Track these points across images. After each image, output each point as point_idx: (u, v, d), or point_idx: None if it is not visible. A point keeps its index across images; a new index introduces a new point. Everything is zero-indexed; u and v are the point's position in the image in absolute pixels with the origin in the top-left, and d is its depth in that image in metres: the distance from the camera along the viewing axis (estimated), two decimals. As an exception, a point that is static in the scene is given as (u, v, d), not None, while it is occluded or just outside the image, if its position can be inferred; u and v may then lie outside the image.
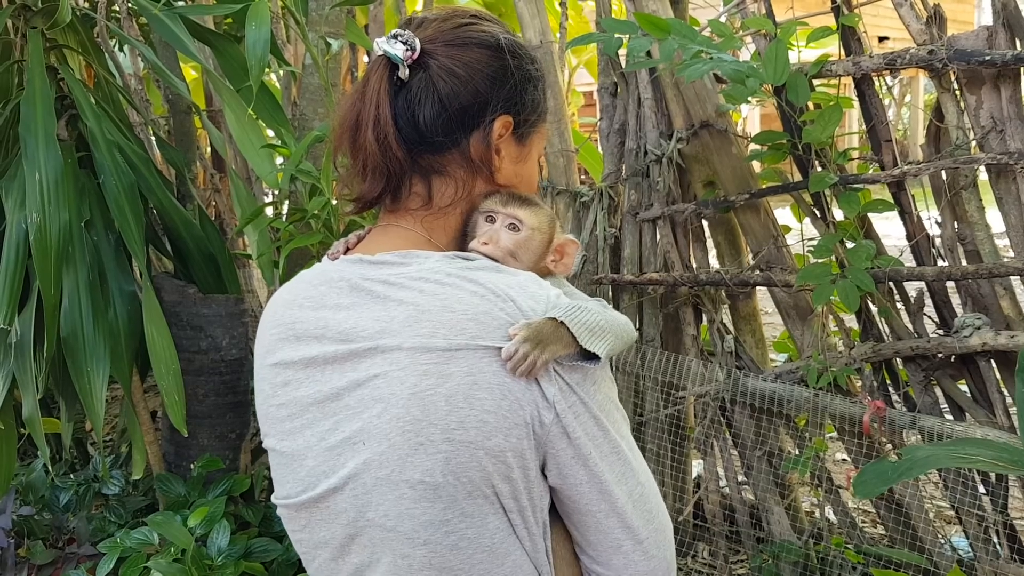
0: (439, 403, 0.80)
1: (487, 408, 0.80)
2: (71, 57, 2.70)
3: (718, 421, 2.48)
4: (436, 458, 0.80)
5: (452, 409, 0.80)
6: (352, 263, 0.91)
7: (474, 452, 0.80)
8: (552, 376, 0.82)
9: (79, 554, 2.74)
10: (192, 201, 2.85)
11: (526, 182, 0.98)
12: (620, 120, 2.60)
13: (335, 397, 0.85)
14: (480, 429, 0.80)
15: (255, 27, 2.02)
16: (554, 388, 0.82)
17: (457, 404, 0.80)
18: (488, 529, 0.83)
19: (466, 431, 0.80)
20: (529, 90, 0.94)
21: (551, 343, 0.81)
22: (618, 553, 0.86)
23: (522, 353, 0.79)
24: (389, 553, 0.84)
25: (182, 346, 2.61)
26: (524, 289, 0.85)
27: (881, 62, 2.10)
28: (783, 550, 2.34)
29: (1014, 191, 2.01)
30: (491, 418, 0.80)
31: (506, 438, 0.81)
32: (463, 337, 0.81)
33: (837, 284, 2.05)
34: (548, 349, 0.80)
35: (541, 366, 0.80)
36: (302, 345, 0.89)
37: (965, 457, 1.68)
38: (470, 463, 0.80)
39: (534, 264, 0.94)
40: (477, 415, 0.80)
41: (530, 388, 0.81)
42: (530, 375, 0.81)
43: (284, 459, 0.91)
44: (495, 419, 0.80)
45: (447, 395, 0.80)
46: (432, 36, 0.90)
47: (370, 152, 0.89)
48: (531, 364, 0.79)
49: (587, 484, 0.84)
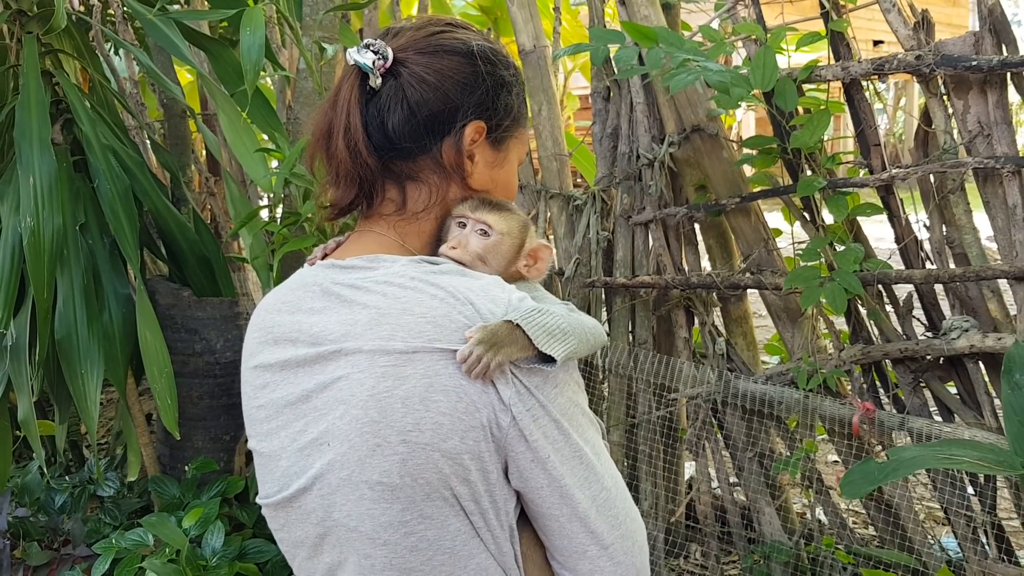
0: (396, 405, 0.81)
1: (443, 410, 0.81)
2: (66, 62, 2.72)
3: (710, 423, 2.50)
4: (393, 459, 0.81)
5: (408, 411, 0.80)
6: (325, 268, 0.92)
7: (430, 454, 0.81)
8: (509, 379, 0.82)
9: (74, 555, 2.76)
10: (187, 205, 2.86)
11: (503, 187, 0.98)
12: (613, 124, 2.62)
13: (305, 399, 0.87)
14: (436, 431, 0.80)
15: (250, 32, 2.03)
16: (511, 391, 0.82)
17: (413, 406, 0.80)
18: (449, 531, 0.83)
19: (422, 433, 0.80)
20: (503, 95, 0.94)
21: (506, 345, 0.81)
22: (584, 558, 0.86)
23: (476, 355, 0.80)
24: (354, 553, 0.86)
25: (176, 349, 2.63)
26: (485, 292, 0.85)
27: (869, 67, 2.12)
28: (774, 551, 2.35)
29: (1001, 195, 2.03)
30: (447, 420, 0.81)
31: (462, 440, 0.81)
32: (420, 340, 0.81)
33: (825, 287, 2.07)
34: (502, 351, 0.80)
35: (495, 368, 0.80)
36: (278, 348, 0.90)
37: (951, 458, 1.70)
38: (426, 465, 0.81)
39: (504, 269, 0.95)
40: (433, 417, 0.80)
41: (486, 391, 0.82)
42: (484, 377, 0.81)
43: (264, 460, 0.93)
44: (451, 421, 0.81)
45: (404, 397, 0.81)
46: (405, 44, 0.91)
47: (341, 160, 0.91)
48: (484, 366, 0.80)
49: (547, 488, 0.84)
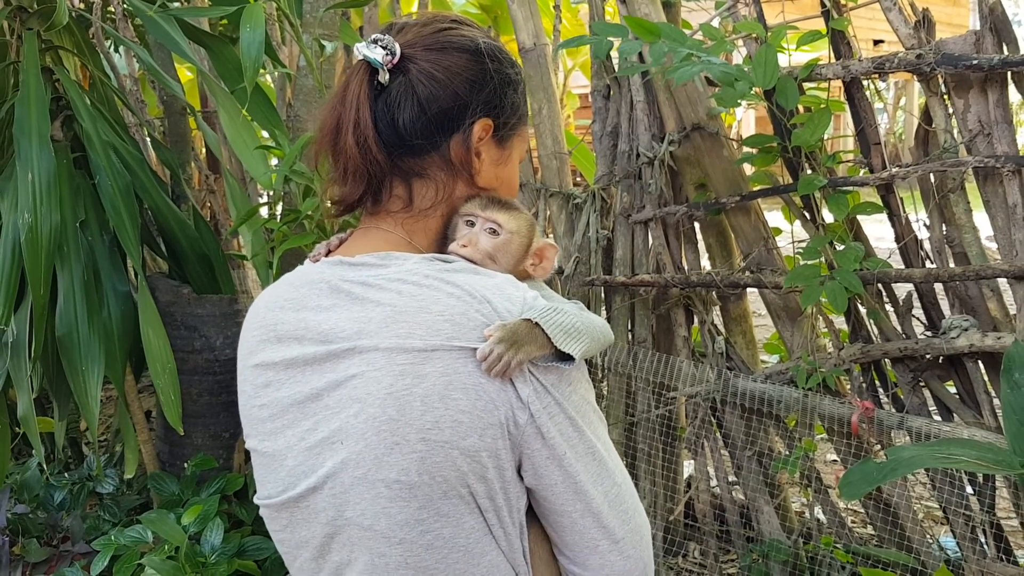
0: (414, 403, 0.81)
1: (462, 408, 0.81)
2: (67, 58, 2.72)
3: (709, 421, 2.50)
4: (411, 458, 0.81)
5: (427, 409, 0.81)
6: (332, 265, 0.92)
7: (449, 452, 0.81)
8: (527, 377, 0.83)
9: (73, 552, 2.76)
10: (187, 202, 2.86)
11: (506, 184, 0.99)
12: (613, 123, 2.62)
13: (315, 397, 0.86)
14: (455, 429, 0.81)
15: (250, 29, 2.03)
16: (528, 389, 0.83)
17: (432, 404, 0.81)
18: (464, 529, 0.83)
19: (441, 431, 0.80)
20: (509, 93, 0.95)
21: (526, 344, 0.81)
22: (595, 553, 0.87)
23: (496, 354, 0.80)
24: (366, 552, 0.85)
25: (176, 346, 2.62)
26: (500, 291, 0.86)
27: (870, 66, 2.12)
28: (773, 549, 2.35)
29: (1001, 194, 2.03)
30: (466, 418, 0.81)
31: (481, 438, 0.81)
32: (439, 338, 0.82)
33: (825, 285, 2.07)
34: (523, 350, 0.81)
35: (515, 367, 0.81)
36: (283, 346, 0.90)
37: (949, 457, 1.70)
38: (445, 463, 0.81)
39: (513, 267, 0.95)
40: (452, 415, 0.81)
41: (505, 389, 0.82)
42: (504, 376, 0.81)
43: (266, 459, 0.92)
44: (470, 419, 0.81)
45: (422, 395, 0.81)
46: (412, 40, 0.91)
47: (350, 155, 0.90)
48: (505, 365, 0.80)
49: (562, 484, 0.84)
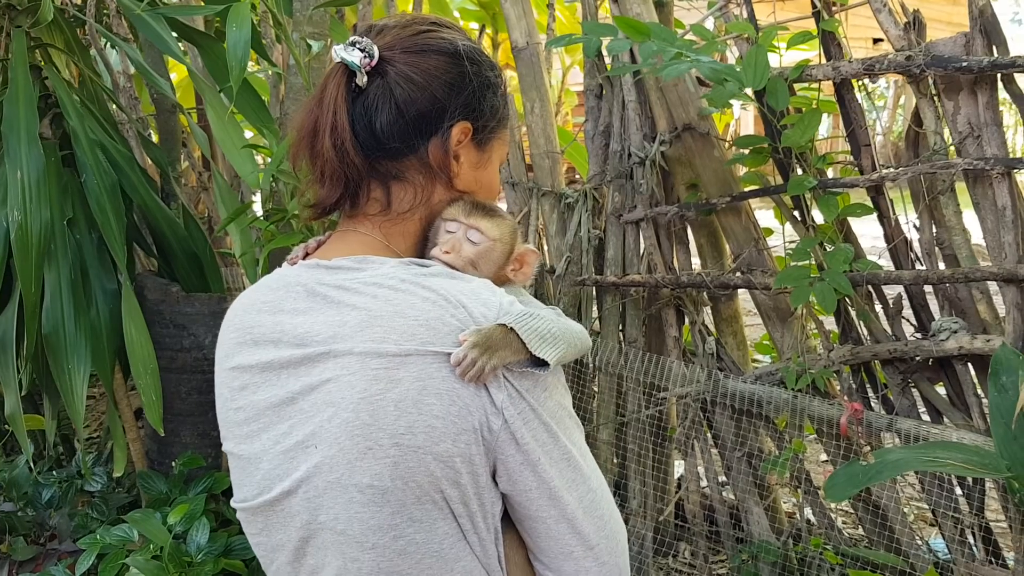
0: (388, 408, 0.80)
1: (436, 413, 0.80)
2: (56, 56, 2.70)
3: (699, 422, 2.49)
4: (384, 463, 0.80)
5: (401, 414, 0.80)
6: (309, 268, 0.91)
7: (422, 457, 0.80)
8: (501, 382, 0.82)
9: (60, 550, 2.75)
10: (176, 200, 2.85)
11: (486, 188, 0.98)
12: (605, 122, 2.61)
13: (290, 401, 0.85)
14: (428, 434, 0.80)
15: (236, 28, 2.02)
16: (503, 394, 0.82)
17: (406, 409, 0.80)
18: (437, 534, 0.83)
19: (414, 436, 0.80)
20: (488, 96, 0.94)
21: (500, 349, 0.81)
22: (569, 559, 0.86)
23: (470, 359, 0.80)
24: (339, 557, 0.85)
25: (165, 344, 2.62)
26: (476, 296, 0.85)
27: (860, 67, 2.11)
28: (762, 550, 2.35)
29: (990, 196, 2.02)
30: (439, 423, 0.80)
31: (454, 443, 0.81)
32: (413, 342, 0.81)
33: (815, 286, 2.06)
34: (497, 355, 0.80)
35: (489, 372, 0.80)
36: (259, 349, 0.89)
37: (936, 460, 1.70)
38: (418, 468, 0.80)
39: (494, 273, 0.95)
40: (426, 420, 0.80)
41: (479, 394, 0.81)
42: (478, 381, 0.81)
43: (242, 462, 0.91)
44: (443, 424, 0.80)
45: (396, 400, 0.80)
46: (391, 43, 0.90)
47: (327, 158, 0.90)
48: (479, 370, 0.80)
49: (536, 490, 0.84)
